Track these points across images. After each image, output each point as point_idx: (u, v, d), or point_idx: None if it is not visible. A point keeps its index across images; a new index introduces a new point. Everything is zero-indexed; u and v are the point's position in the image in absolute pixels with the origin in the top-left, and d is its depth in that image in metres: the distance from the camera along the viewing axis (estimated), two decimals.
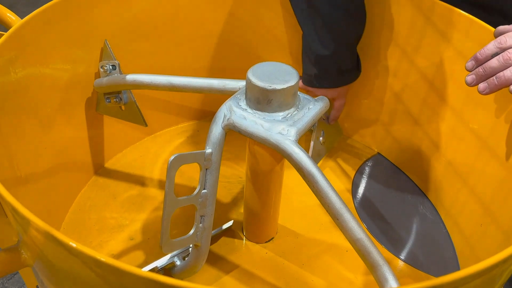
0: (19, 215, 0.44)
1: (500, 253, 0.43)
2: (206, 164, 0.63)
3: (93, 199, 0.87)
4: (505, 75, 0.60)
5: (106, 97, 0.85)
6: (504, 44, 0.60)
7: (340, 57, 0.85)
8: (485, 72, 0.61)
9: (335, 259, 0.78)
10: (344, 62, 0.87)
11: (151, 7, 0.87)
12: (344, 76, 0.89)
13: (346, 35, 0.84)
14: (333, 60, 0.85)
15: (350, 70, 0.89)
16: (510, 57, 0.59)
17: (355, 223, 0.58)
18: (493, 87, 0.61)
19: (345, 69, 0.88)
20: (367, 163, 0.97)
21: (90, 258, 0.39)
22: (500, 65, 0.60)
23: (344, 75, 0.89)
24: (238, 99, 0.65)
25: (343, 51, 0.85)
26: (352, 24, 0.84)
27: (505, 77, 0.60)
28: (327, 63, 0.85)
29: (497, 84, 0.61)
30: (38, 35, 0.71)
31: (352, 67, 0.88)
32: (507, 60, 0.59)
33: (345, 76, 0.89)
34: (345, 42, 0.84)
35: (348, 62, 0.87)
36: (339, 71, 0.87)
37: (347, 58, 0.87)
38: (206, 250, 0.68)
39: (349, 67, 0.88)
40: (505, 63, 0.59)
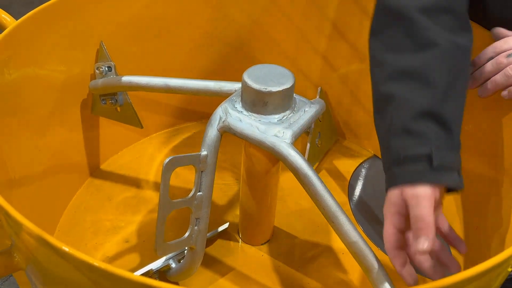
0: (11, 219, 0.44)
1: (495, 257, 0.43)
2: (202, 167, 0.63)
3: (88, 201, 0.86)
4: (496, 80, 0.60)
5: (102, 99, 0.85)
6: (499, 48, 0.60)
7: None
8: (481, 76, 0.61)
9: (331, 262, 0.78)
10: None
11: (147, 8, 0.87)
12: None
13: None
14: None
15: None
16: (502, 61, 0.59)
17: (351, 226, 0.58)
18: (487, 91, 0.61)
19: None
20: (363, 165, 0.97)
21: (83, 263, 0.39)
22: (493, 69, 0.60)
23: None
24: (234, 101, 0.65)
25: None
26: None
27: (496, 81, 0.60)
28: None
29: (489, 88, 0.61)
30: (33, 36, 0.71)
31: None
32: (499, 64, 0.59)
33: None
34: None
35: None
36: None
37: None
38: (201, 253, 0.67)
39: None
40: (497, 67, 0.59)
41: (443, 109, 0.54)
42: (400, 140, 0.55)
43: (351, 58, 0.93)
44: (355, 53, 0.92)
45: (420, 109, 0.54)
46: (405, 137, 0.54)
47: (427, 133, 0.54)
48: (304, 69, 0.98)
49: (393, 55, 0.57)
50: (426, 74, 0.55)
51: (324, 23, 0.92)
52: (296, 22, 0.94)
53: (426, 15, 0.56)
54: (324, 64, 0.96)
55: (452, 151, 0.54)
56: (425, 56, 0.55)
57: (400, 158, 0.54)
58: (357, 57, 0.92)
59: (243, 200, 0.75)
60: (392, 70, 0.57)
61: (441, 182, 0.53)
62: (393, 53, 0.57)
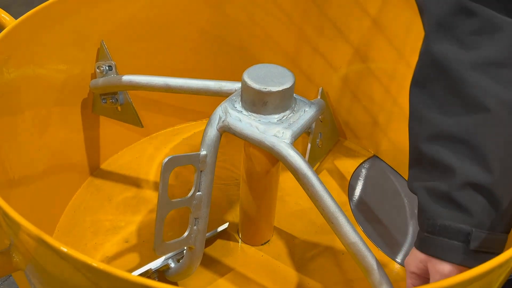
0: (10, 219, 0.43)
1: (496, 258, 0.43)
2: (201, 166, 0.63)
3: (88, 201, 0.86)
4: None
5: (102, 98, 0.85)
6: None
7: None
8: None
9: (331, 262, 0.78)
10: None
11: (147, 8, 0.86)
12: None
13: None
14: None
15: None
16: None
17: (350, 227, 0.58)
18: None
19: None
20: (364, 165, 0.97)
21: (81, 263, 0.39)
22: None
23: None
24: (233, 101, 0.65)
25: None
26: None
27: None
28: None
29: None
30: (33, 35, 0.71)
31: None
32: None
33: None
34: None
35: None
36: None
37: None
38: (200, 253, 0.67)
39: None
40: None
41: (494, 186, 0.47)
42: (440, 207, 0.50)
43: (351, 58, 0.93)
44: (356, 53, 0.92)
45: (468, 180, 0.48)
46: (446, 205, 0.49)
47: (472, 208, 0.48)
48: (305, 69, 0.98)
49: (438, 114, 0.51)
50: (475, 142, 0.48)
51: (325, 23, 0.92)
52: (296, 22, 0.94)
53: (479, 71, 0.49)
54: (325, 64, 0.96)
55: (497, 234, 0.49)
56: (474, 120, 0.49)
57: (436, 226, 0.49)
58: (357, 57, 0.92)
59: (243, 200, 0.75)
60: (436, 130, 0.51)
61: (472, 267, 0.45)
62: (438, 111, 0.51)
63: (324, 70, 0.97)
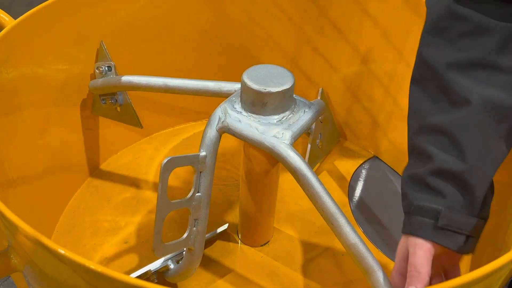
0: (7, 221, 0.43)
1: (497, 260, 0.43)
2: (200, 167, 0.62)
3: (87, 202, 0.86)
4: None
5: (102, 99, 0.84)
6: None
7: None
8: None
9: (330, 263, 0.78)
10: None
11: (147, 8, 0.86)
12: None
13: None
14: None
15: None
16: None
17: (350, 228, 0.57)
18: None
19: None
20: (364, 166, 0.96)
21: (79, 265, 0.39)
22: None
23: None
24: (233, 102, 0.65)
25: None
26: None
27: None
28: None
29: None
30: (32, 35, 0.70)
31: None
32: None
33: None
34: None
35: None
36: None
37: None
38: (200, 254, 0.67)
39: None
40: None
41: (466, 173, 0.52)
42: (417, 190, 0.55)
43: (351, 58, 0.92)
44: (356, 54, 0.91)
45: (442, 167, 0.53)
46: (421, 189, 0.55)
47: (444, 191, 0.53)
48: (305, 69, 0.98)
49: (428, 109, 0.57)
50: (455, 134, 0.53)
51: (325, 23, 0.92)
52: (296, 22, 0.94)
53: (462, 71, 0.54)
54: (325, 65, 0.96)
55: (467, 216, 0.53)
56: (456, 115, 0.54)
57: (412, 207, 0.55)
58: (357, 57, 0.92)
59: (243, 201, 0.74)
60: (425, 124, 0.56)
61: (441, 243, 0.53)
62: (429, 106, 0.57)
63: (324, 70, 0.97)
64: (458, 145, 0.53)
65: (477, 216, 0.54)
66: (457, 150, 0.53)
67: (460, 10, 0.54)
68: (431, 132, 0.56)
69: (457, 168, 0.53)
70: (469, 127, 0.53)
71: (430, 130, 0.56)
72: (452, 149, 0.53)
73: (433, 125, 0.55)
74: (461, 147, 0.53)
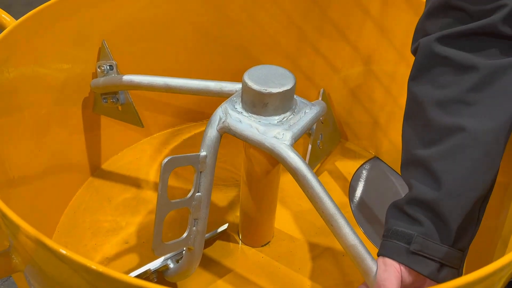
0: (8, 220, 0.43)
1: (497, 261, 0.43)
2: (201, 167, 0.63)
3: (88, 202, 0.86)
4: None
5: (103, 98, 0.85)
6: None
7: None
8: None
9: (331, 264, 0.78)
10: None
11: (148, 7, 0.86)
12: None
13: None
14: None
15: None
16: None
17: (349, 229, 0.57)
18: None
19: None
20: (364, 166, 0.96)
21: (80, 265, 0.39)
22: None
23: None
24: (234, 102, 0.65)
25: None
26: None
27: None
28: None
29: None
30: (33, 35, 0.70)
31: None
32: None
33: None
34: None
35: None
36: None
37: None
38: (199, 254, 0.67)
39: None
40: None
41: (439, 201, 0.54)
42: (395, 217, 0.58)
43: (352, 59, 0.93)
44: (357, 55, 0.91)
45: (418, 196, 0.56)
46: (401, 216, 0.58)
47: (420, 219, 0.56)
48: (305, 70, 0.98)
49: (413, 143, 0.60)
50: (432, 166, 0.56)
51: (325, 24, 0.92)
52: (297, 22, 0.94)
53: (440, 108, 0.57)
54: (326, 65, 0.96)
55: (440, 244, 0.55)
56: (436, 148, 0.56)
57: (390, 231, 0.57)
58: (358, 58, 0.92)
59: (243, 201, 0.74)
60: (410, 157, 0.60)
61: (412, 266, 0.55)
62: (414, 140, 0.60)
63: (325, 71, 0.97)
64: (434, 176, 0.55)
65: (452, 246, 0.55)
66: (433, 181, 0.56)
67: (442, 50, 0.57)
68: (413, 165, 0.59)
69: (431, 197, 0.55)
70: (448, 161, 0.55)
71: (412, 163, 0.59)
72: (428, 179, 0.56)
73: (415, 158, 0.58)
74: (437, 177, 0.55)
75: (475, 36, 0.56)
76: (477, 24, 0.55)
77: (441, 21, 0.58)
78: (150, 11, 0.87)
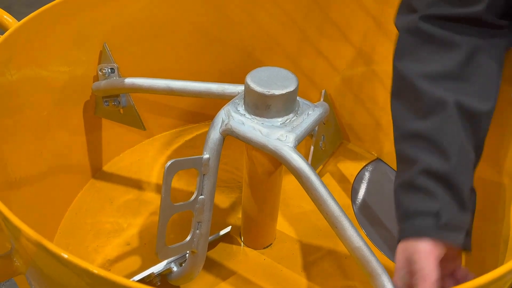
0: (10, 223, 0.43)
1: (501, 267, 0.42)
2: (204, 170, 0.62)
3: (89, 203, 0.86)
4: None
5: (105, 100, 0.84)
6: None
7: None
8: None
9: (334, 266, 0.78)
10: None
11: (149, 9, 0.86)
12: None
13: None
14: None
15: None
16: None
17: (354, 231, 0.57)
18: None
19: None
20: (367, 168, 0.96)
21: (82, 270, 0.39)
22: None
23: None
24: (236, 104, 0.65)
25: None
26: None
27: None
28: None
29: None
30: (35, 37, 0.70)
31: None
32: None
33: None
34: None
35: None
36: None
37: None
38: (203, 257, 0.67)
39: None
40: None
41: (453, 173, 0.55)
42: (409, 196, 0.57)
43: (354, 60, 0.92)
44: (358, 55, 0.91)
45: (428, 168, 0.55)
46: (413, 192, 0.56)
47: (435, 192, 0.55)
48: (307, 71, 0.98)
49: (407, 117, 0.60)
50: (435, 138, 0.56)
51: (326, 24, 0.91)
52: (298, 23, 0.94)
53: (429, 81, 0.58)
54: (327, 66, 0.96)
55: (462, 212, 0.55)
56: (433, 120, 0.57)
57: (409, 212, 0.56)
58: (360, 59, 0.91)
59: (246, 203, 0.74)
60: (405, 131, 0.59)
61: (446, 240, 0.54)
62: (407, 115, 0.60)
63: (326, 71, 0.96)
64: (440, 148, 0.56)
65: (467, 213, 0.57)
66: (439, 153, 0.56)
67: (427, 28, 0.59)
68: (412, 138, 0.58)
69: (442, 169, 0.55)
70: (447, 131, 0.56)
71: (410, 137, 0.59)
72: (434, 151, 0.56)
73: (413, 131, 0.58)
74: (443, 149, 0.55)
75: (459, 21, 0.59)
76: (464, 11, 0.58)
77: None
78: (150, 12, 0.87)
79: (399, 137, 0.60)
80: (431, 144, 0.56)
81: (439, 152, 0.55)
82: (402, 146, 0.60)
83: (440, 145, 0.56)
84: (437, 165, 0.55)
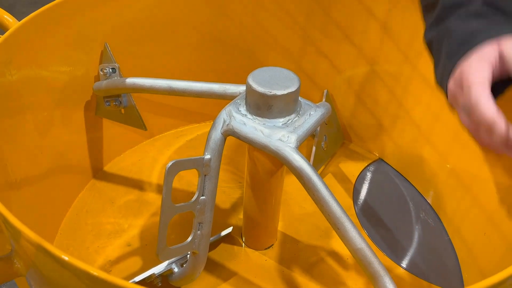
0: (10, 225, 0.43)
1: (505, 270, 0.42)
2: (205, 170, 0.62)
3: (90, 204, 0.86)
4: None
5: (106, 100, 0.84)
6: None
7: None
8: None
9: (336, 267, 0.77)
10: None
11: (151, 9, 0.86)
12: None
13: None
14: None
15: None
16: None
17: (356, 233, 0.57)
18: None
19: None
20: (369, 169, 0.96)
21: (82, 272, 0.38)
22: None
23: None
24: (238, 104, 0.64)
25: None
26: None
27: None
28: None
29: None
30: (36, 37, 0.70)
31: None
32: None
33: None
34: None
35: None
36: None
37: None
38: (204, 258, 0.67)
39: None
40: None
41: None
42: (470, 23, 0.53)
43: (356, 60, 0.92)
44: (360, 55, 0.91)
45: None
46: (474, 19, 0.53)
47: (493, 17, 0.53)
48: (309, 71, 0.97)
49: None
50: None
51: (329, 24, 0.91)
52: (300, 23, 0.93)
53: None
54: (329, 67, 0.95)
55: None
56: None
57: (476, 30, 0.52)
58: (362, 59, 0.91)
59: (247, 204, 0.74)
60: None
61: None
62: None
63: (328, 72, 0.96)
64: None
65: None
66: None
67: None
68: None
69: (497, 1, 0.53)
70: None
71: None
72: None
73: None
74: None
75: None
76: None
77: None
78: (151, 12, 0.86)
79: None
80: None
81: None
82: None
83: None
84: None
